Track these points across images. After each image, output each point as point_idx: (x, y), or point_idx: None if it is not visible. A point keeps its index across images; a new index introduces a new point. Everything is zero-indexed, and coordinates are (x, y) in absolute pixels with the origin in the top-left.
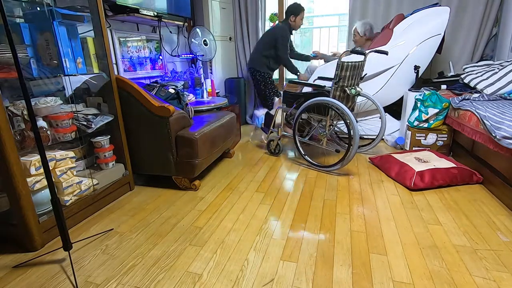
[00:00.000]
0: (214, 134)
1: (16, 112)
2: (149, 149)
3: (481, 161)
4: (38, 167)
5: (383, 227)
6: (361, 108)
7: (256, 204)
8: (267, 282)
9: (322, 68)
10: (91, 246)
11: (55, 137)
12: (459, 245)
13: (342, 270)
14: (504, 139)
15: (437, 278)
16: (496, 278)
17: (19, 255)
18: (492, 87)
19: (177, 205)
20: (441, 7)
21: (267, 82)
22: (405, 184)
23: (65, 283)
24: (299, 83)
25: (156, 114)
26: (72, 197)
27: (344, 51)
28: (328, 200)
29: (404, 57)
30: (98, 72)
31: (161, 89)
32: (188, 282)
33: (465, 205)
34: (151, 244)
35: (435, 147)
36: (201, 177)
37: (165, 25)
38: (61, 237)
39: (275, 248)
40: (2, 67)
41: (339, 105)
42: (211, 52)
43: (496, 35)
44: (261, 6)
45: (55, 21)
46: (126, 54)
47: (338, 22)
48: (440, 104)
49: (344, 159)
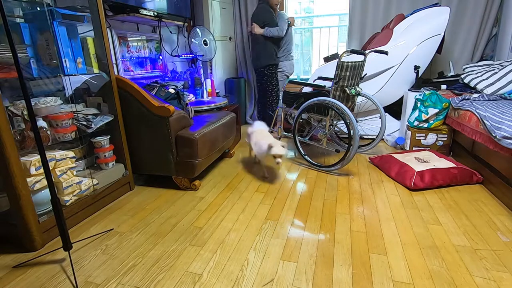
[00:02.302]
0: (214, 134)
1: (16, 112)
2: (149, 149)
3: (481, 161)
4: (38, 167)
5: (383, 227)
6: (361, 108)
7: (256, 204)
8: (267, 282)
9: (322, 68)
10: (91, 246)
11: (55, 137)
12: (459, 245)
13: (342, 270)
14: (504, 139)
15: (437, 278)
16: (496, 278)
17: (19, 255)
18: (492, 87)
19: (177, 205)
20: (441, 7)
21: (273, 78)
22: (405, 184)
23: (65, 283)
24: (299, 83)
25: (156, 114)
26: (72, 197)
27: (344, 51)
28: (328, 200)
29: (404, 57)
30: (98, 72)
31: (161, 89)
32: (188, 282)
33: (465, 205)
34: (151, 244)
35: (435, 147)
36: (201, 177)
37: (165, 25)
38: (61, 237)
39: (275, 248)
40: (2, 67)
41: (339, 105)
42: (211, 52)
43: (496, 35)
44: None
45: (55, 21)
46: (126, 54)
47: (338, 22)
48: (440, 104)
49: (344, 159)
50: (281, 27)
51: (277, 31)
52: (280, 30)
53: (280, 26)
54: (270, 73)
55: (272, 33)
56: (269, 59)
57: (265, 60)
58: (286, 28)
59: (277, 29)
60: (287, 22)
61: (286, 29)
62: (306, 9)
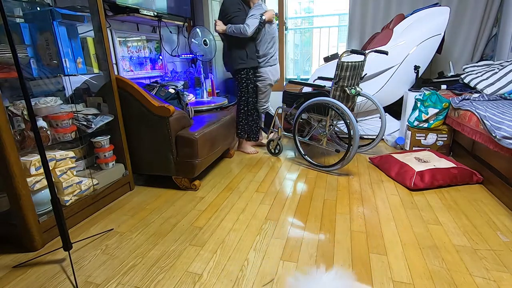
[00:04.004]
0: (214, 134)
1: (16, 112)
2: (149, 149)
3: (481, 161)
4: (38, 167)
5: (383, 227)
6: (361, 108)
7: (256, 204)
8: (267, 282)
9: (322, 68)
10: (91, 246)
11: (55, 137)
12: (459, 245)
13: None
14: (504, 139)
15: (437, 278)
16: (496, 278)
17: (19, 255)
18: (492, 87)
19: (177, 205)
20: (441, 7)
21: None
22: (405, 184)
23: (65, 283)
24: (299, 83)
25: (156, 114)
26: (72, 197)
27: (344, 51)
28: (328, 200)
29: (404, 57)
30: (98, 72)
31: (161, 89)
32: (188, 282)
33: (465, 205)
34: (151, 244)
35: (435, 147)
36: (201, 177)
37: (165, 25)
38: (61, 237)
39: (275, 248)
40: (2, 67)
41: (339, 105)
42: (211, 52)
43: (496, 35)
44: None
45: (55, 21)
46: (126, 54)
47: (338, 22)
48: (440, 104)
49: (344, 159)
50: (248, 24)
51: (240, 29)
52: (244, 29)
53: (247, 22)
54: (240, 78)
55: (234, 32)
56: (236, 63)
57: (234, 64)
58: (255, 26)
59: (241, 27)
60: (259, 18)
61: (255, 27)
62: (306, 9)
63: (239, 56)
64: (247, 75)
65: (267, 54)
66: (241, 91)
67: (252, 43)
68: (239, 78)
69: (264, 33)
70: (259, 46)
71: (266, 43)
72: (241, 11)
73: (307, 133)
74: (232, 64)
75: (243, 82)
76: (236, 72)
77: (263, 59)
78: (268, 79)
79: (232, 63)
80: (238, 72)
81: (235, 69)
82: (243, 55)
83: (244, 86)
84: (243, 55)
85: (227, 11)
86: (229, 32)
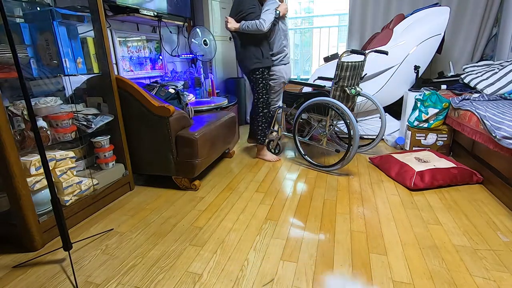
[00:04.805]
0: (214, 134)
1: (16, 112)
2: (149, 149)
3: (481, 161)
4: (38, 167)
5: (383, 227)
6: (361, 108)
7: (256, 204)
8: (267, 282)
9: (322, 68)
10: (91, 246)
11: (55, 137)
12: (459, 245)
13: (342, 270)
14: (504, 139)
15: (437, 278)
16: (496, 278)
17: (19, 255)
18: (492, 87)
19: (177, 205)
20: (441, 7)
21: (258, 85)
22: (405, 184)
23: (65, 283)
24: (299, 83)
25: (156, 114)
26: (72, 197)
27: (344, 51)
28: (328, 200)
29: (404, 57)
30: (98, 72)
31: (161, 89)
32: (188, 282)
33: (465, 205)
34: (151, 244)
35: (435, 147)
36: (201, 177)
37: (165, 25)
38: (61, 237)
39: (275, 248)
40: (2, 67)
41: (339, 105)
42: (211, 52)
43: (496, 35)
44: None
45: (55, 21)
46: (126, 54)
47: (338, 22)
48: (440, 104)
49: (344, 159)
50: (264, 19)
51: (256, 25)
52: (260, 24)
53: (263, 17)
54: (255, 79)
55: (249, 28)
56: (252, 62)
57: (249, 64)
58: (271, 21)
59: (256, 23)
60: (275, 13)
61: (271, 22)
62: (306, 9)
63: (254, 55)
64: (263, 75)
65: (282, 52)
66: (258, 93)
67: (266, 41)
68: (255, 78)
69: (278, 29)
70: (273, 43)
71: (281, 40)
72: (255, 7)
73: (307, 133)
74: (247, 63)
75: (259, 82)
76: (252, 72)
77: (278, 57)
78: (282, 78)
79: (248, 62)
80: (253, 72)
81: (251, 69)
82: (259, 54)
83: (261, 86)
84: (258, 53)
85: (241, 8)
86: (243, 30)
